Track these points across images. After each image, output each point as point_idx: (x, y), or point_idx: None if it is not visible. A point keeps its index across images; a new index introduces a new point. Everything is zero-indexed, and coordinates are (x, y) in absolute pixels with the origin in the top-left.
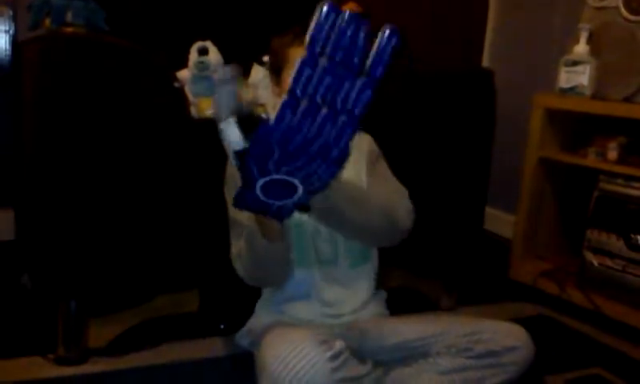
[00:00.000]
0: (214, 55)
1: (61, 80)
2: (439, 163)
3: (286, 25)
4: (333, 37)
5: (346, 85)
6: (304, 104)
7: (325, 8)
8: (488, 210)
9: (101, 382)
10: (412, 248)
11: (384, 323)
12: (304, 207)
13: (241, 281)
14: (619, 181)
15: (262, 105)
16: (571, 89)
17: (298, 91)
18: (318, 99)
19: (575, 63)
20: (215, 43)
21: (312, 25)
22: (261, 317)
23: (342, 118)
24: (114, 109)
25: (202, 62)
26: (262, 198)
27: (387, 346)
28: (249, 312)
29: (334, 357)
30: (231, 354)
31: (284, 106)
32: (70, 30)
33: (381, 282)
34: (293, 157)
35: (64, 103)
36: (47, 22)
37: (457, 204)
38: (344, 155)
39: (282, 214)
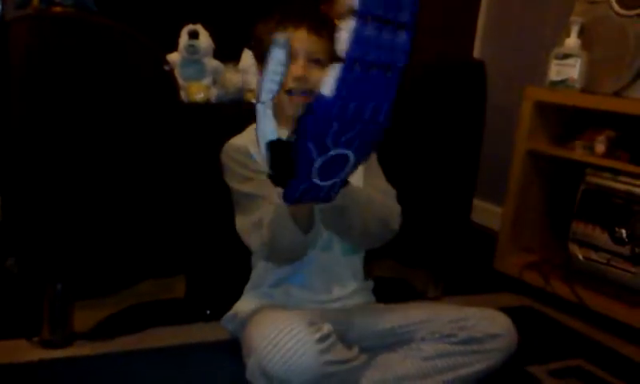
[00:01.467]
0: (204, 39)
1: (49, 61)
2: (428, 153)
3: (272, 9)
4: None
5: (391, 41)
6: (358, 69)
7: None
8: (475, 201)
9: (86, 365)
10: (400, 238)
11: (370, 310)
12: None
13: (228, 267)
14: (606, 174)
15: (252, 90)
16: (561, 82)
17: (354, 57)
18: (369, 61)
19: (566, 56)
20: (205, 27)
21: None
22: (248, 301)
23: (389, 74)
24: (102, 91)
25: (192, 46)
26: (316, 181)
27: (373, 332)
28: (236, 298)
29: (322, 339)
30: (217, 339)
31: (344, 75)
32: (58, 9)
33: (368, 272)
34: (349, 125)
35: (52, 84)
36: (35, 0)
37: (445, 195)
38: (390, 112)
39: (330, 195)
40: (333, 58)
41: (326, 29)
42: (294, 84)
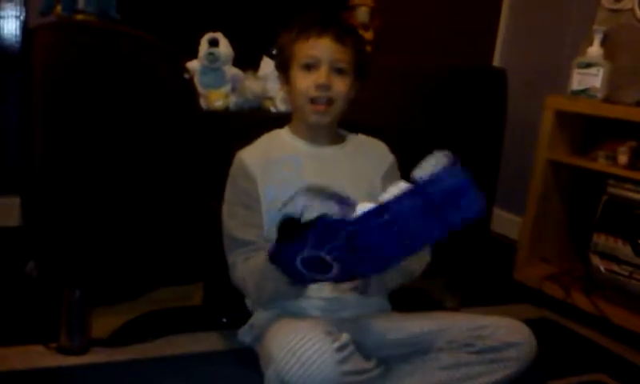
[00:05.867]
0: (224, 47)
1: (71, 68)
2: None
3: (294, 17)
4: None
5: (427, 225)
6: (386, 218)
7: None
8: (495, 210)
9: (102, 372)
10: None
11: (387, 319)
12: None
13: None
14: (628, 185)
15: (271, 98)
16: (583, 91)
17: (387, 215)
18: (397, 223)
19: (588, 65)
20: (225, 34)
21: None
22: (263, 313)
23: (407, 242)
24: (124, 98)
25: (212, 54)
26: (297, 265)
27: (390, 342)
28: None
29: (341, 348)
30: (233, 347)
31: (370, 215)
32: (80, 17)
33: None
34: (350, 250)
35: (73, 91)
36: (58, 8)
37: None
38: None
39: (308, 282)
40: (355, 67)
41: (349, 37)
42: (316, 92)
